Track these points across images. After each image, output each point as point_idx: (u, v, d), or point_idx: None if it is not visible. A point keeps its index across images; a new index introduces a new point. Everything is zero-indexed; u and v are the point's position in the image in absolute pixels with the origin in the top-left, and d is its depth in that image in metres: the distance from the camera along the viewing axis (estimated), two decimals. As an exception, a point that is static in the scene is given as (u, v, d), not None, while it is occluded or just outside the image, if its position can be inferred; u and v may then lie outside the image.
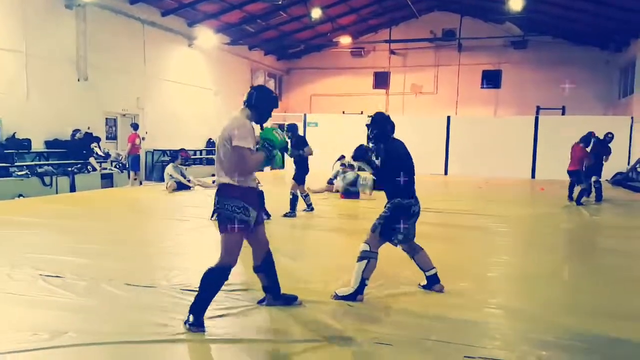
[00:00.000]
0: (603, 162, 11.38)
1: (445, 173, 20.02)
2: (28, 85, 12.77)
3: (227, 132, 3.56)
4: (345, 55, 25.72)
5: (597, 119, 18.07)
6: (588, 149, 11.12)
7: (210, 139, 20.71)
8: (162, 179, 13.92)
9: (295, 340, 3.50)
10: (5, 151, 11.63)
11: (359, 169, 13.57)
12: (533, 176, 18.87)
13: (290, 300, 4.14)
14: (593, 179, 11.24)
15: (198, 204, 10.22)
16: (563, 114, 21.13)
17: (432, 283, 4.62)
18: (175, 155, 12.83)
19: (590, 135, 11.19)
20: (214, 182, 13.62)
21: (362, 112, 23.12)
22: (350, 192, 11.38)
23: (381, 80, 25.56)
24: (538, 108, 21.62)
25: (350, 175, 11.72)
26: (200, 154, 19.94)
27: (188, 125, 18.98)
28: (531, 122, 19.11)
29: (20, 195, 10.01)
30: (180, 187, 12.24)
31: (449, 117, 20.36)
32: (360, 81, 25.65)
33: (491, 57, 23.75)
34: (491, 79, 24.00)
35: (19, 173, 11.54)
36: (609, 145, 11.42)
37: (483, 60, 23.85)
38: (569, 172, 11.29)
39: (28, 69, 12.75)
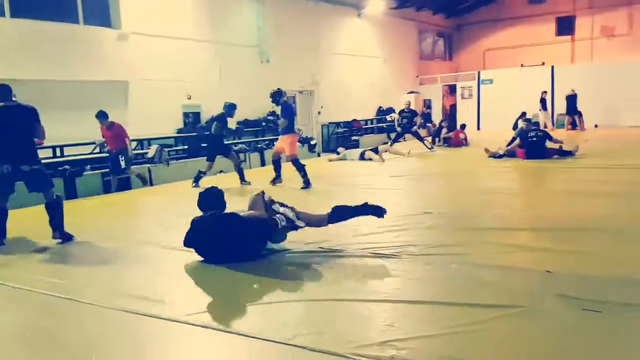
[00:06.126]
0: None
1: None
2: (220, 71, 14.08)
3: None
4: (520, 3, 23.64)
5: None
6: None
7: (380, 107, 20.85)
8: (336, 151, 14.10)
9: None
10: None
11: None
12: None
13: None
14: None
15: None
16: None
17: None
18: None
19: None
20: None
21: (543, 63, 21.24)
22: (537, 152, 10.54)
23: (565, 25, 22.82)
24: None
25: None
26: (372, 123, 20.21)
27: (358, 96, 19.30)
28: None
29: (220, 172, 11.24)
30: None
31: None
32: (539, 29, 23.25)
33: None
34: None
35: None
36: None
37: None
38: None
39: (218, 57, 14.03)
